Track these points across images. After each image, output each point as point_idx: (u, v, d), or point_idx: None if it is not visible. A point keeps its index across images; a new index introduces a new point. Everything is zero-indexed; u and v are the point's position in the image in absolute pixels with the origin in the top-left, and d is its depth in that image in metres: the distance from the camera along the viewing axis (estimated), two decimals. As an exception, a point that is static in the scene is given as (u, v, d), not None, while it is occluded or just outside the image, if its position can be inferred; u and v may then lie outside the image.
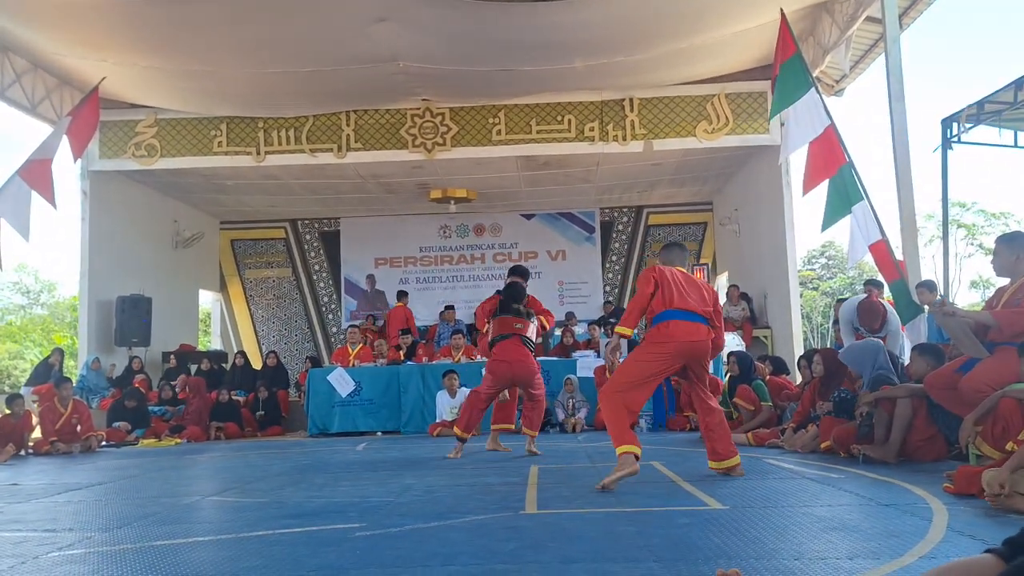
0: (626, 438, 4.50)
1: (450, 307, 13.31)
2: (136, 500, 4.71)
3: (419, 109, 11.26)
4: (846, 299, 9.20)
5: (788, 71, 8.63)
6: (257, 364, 13.24)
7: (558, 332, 11.96)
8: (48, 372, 11.09)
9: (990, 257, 4.85)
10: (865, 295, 6.84)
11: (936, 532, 3.03)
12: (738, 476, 4.77)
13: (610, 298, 14.70)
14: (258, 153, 11.34)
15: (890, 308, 6.82)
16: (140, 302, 11.66)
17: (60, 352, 11.80)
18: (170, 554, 3.09)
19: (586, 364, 9.84)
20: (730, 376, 8.14)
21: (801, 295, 26.91)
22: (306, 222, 15.37)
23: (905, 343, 7.12)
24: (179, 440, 9.75)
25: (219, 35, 8.87)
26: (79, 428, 8.83)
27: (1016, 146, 8.17)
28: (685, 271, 5.05)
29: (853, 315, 6.75)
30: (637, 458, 4.45)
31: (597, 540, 3.12)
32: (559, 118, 11.16)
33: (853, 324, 6.73)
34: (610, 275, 15.08)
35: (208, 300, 16.20)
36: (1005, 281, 4.83)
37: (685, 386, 5.18)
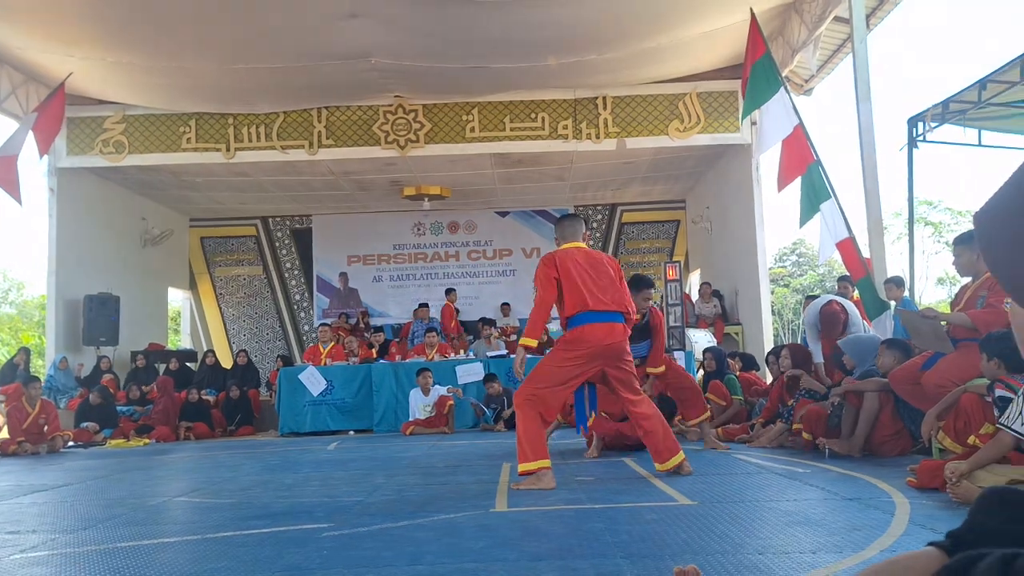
0: (540, 452, 4.41)
1: (424, 304, 13.29)
2: (102, 501, 4.65)
3: (392, 106, 11.22)
4: (816, 296, 9.32)
5: (758, 71, 8.74)
6: (227, 363, 13.12)
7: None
8: (13, 372, 10.93)
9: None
10: (827, 301, 6.92)
11: (898, 526, 3.07)
12: (686, 475, 4.60)
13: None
14: (228, 150, 11.24)
15: (853, 311, 6.92)
16: (108, 301, 11.52)
17: (26, 351, 11.63)
18: (134, 556, 3.06)
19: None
20: (705, 372, 8.20)
21: (772, 292, 27.15)
22: (277, 219, 15.25)
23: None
24: (147, 440, 9.64)
25: (188, 30, 8.78)
26: (46, 428, 8.72)
27: (980, 145, 8.31)
28: (585, 247, 4.77)
29: (816, 319, 6.84)
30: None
31: (565, 537, 3.13)
32: (533, 116, 11.16)
33: (817, 327, 6.82)
34: (583, 273, 15.09)
35: (178, 298, 16.04)
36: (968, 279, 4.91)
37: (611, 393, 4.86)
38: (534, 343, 4.48)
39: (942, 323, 4.86)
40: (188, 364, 12.50)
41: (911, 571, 0.72)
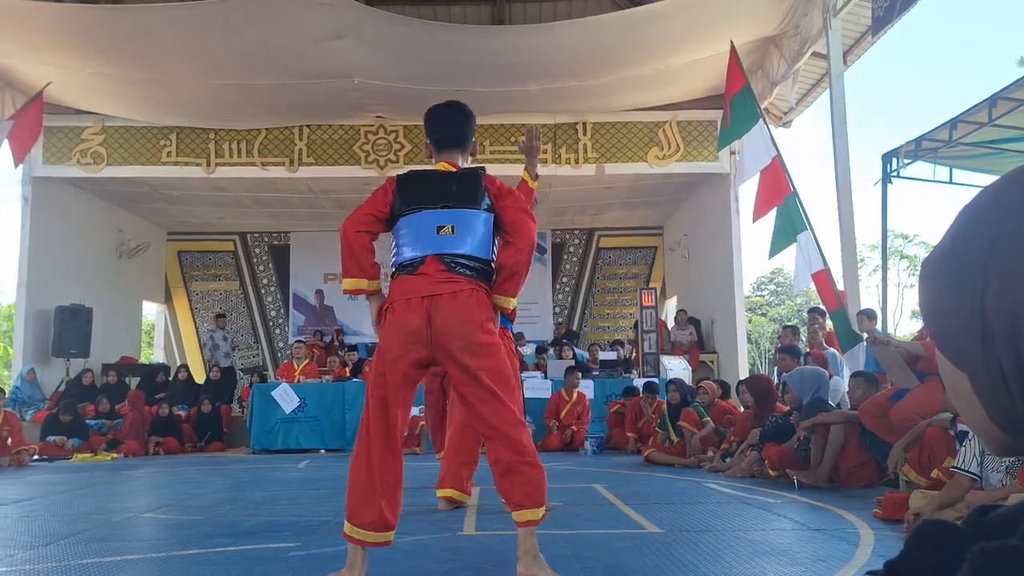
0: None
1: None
2: (65, 516, 4.58)
3: (373, 126, 11.25)
4: (793, 327, 9.41)
5: (738, 103, 8.87)
6: (200, 378, 12.97)
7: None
8: (-20, 382, 10.74)
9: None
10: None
11: (861, 556, 3.10)
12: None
13: (560, 319, 14.78)
14: (208, 164, 11.20)
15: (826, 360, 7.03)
16: (80, 312, 11.38)
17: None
18: (96, 573, 3.02)
19: (533, 385, 9.86)
20: (669, 404, 8.21)
21: (750, 321, 27.36)
22: (255, 235, 15.18)
23: (845, 374, 7.29)
24: (116, 455, 9.51)
25: (170, 45, 8.78)
26: (10, 441, 8.56)
27: (951, 182, 8.45)
28: None
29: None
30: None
31: (532, 562, 3.12)
32: (512, 139, 11.22)
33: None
34: (560, 296, 15.16)
35: (152, 312, 15.88)
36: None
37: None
38: None
39: (895, 347, 4.95)
40: (155, 380, 12.35)
41: None
